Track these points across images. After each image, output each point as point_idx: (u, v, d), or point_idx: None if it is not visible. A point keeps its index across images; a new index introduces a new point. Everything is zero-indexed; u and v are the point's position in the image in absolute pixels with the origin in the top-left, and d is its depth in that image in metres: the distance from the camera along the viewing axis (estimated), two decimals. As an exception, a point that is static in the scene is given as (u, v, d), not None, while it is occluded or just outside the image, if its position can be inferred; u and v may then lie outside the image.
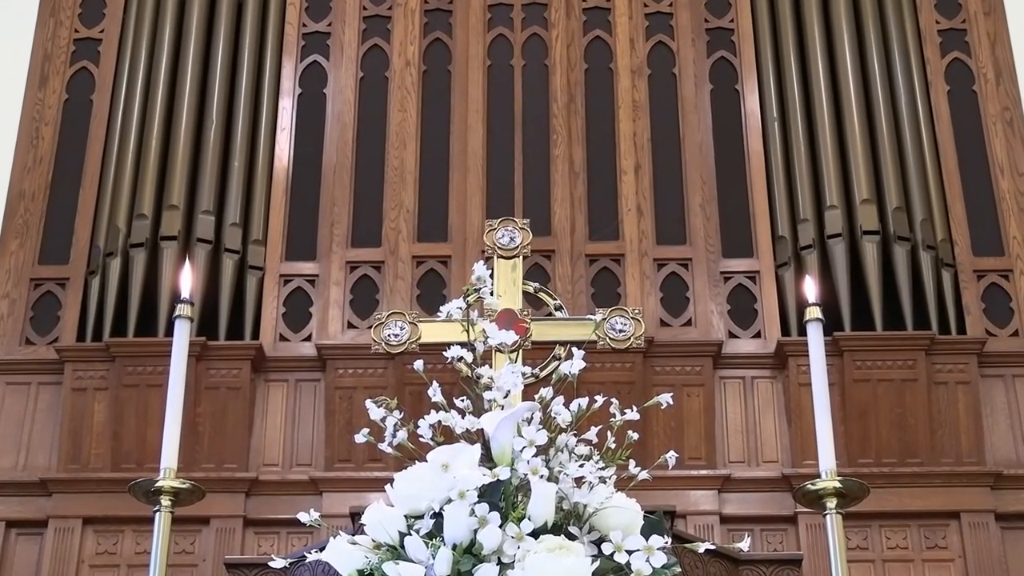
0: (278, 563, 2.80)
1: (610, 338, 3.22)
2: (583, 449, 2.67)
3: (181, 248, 6.56)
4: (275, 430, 6.29)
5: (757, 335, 6.45)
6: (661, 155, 6.83)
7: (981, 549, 5.97)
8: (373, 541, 2.46)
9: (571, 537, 2.43)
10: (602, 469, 2.59)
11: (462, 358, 2.78)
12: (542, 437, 2.51)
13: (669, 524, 3.26)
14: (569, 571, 2.29)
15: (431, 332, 3.26)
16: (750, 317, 6.49)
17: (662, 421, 6.15)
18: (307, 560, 2.81)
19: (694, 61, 7.02)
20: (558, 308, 3.33)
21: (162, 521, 2.94)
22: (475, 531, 2.35)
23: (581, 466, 2.56)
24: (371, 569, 2.40)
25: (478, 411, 2.66)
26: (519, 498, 2.48)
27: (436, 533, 2.39)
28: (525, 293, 3.31)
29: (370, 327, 3.82)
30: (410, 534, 2.41)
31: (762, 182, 6.76)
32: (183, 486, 2.96)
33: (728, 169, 6.82)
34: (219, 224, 6.69)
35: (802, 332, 5.46)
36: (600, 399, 2.73)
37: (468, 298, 2.91)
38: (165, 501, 2.95)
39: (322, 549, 2.56)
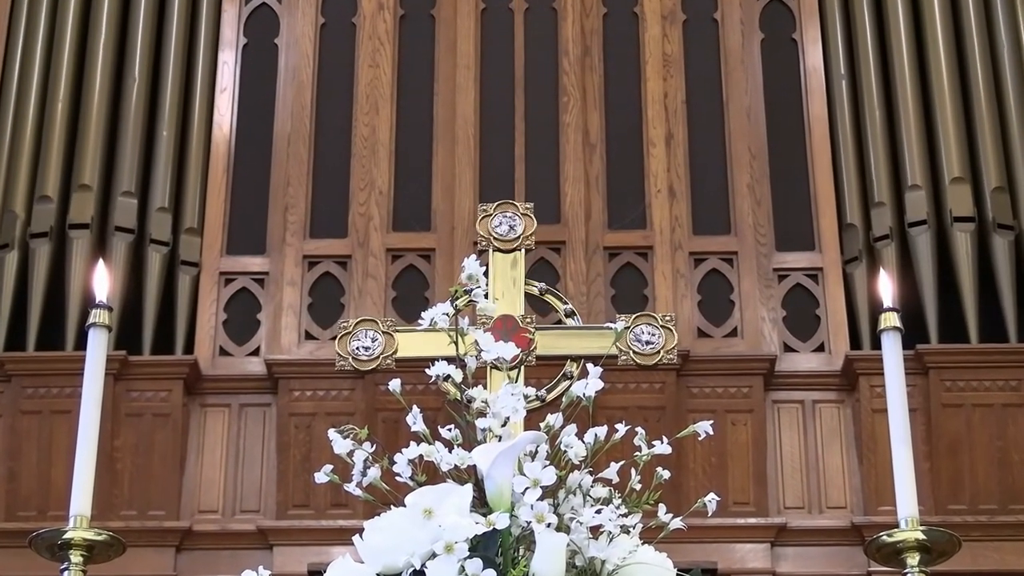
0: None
1: (635, 351, 3.23)
2: (601, 491, 2.68)
3: (95, 239, 6.57)
4: (213, 468, 6.29)
5: (820, 348, 6.46)
6: (699, 122, 6.83)
7: (1103, 618, 5.97)
8: (337, 606, 2.47)
9: (586, 601, 2.44)
10: (624, 516, 2.60)
11: (449, 377, 2.79)
12: (549, 476, 2.52)
13: (709, 585, 3.27)
14: (583, 644, 2.30)
15: (410, 344, 3.27)
16: (811, 326, 6.49)
17: (700, 456, 6.15)
18: (254, 631, 2.81)
19: (740, 3, 7.03)
20: (570, 314, 3.34)
21: (72, 582, 2.95)
22: (465, 593, 2.37)
23: (598, 512, 2.56)
24: (335, 641, 2.41)
25: (469, 443, 2.67)
26: (520, 552, 2.48)
27: (416, 596, 2.40)
28: (528, 295, 3.32)
29: (334, 338, 3.82)
30: (384, 597, 2.42)
31: (826, 156, 6.76)
32: (98, 538, 2.97)
33: (783, 140, 6.82)
34: (143, 209, 6.69)
35: (876, 344, 5.46)
36: (622, 428, 2.74)
37: (457, 301, 2.92)
38: (75, 557, 2.95)
39: (273, 616, 2.56)
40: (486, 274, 2.98)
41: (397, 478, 2.68)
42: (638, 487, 2.70)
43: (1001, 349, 6.33)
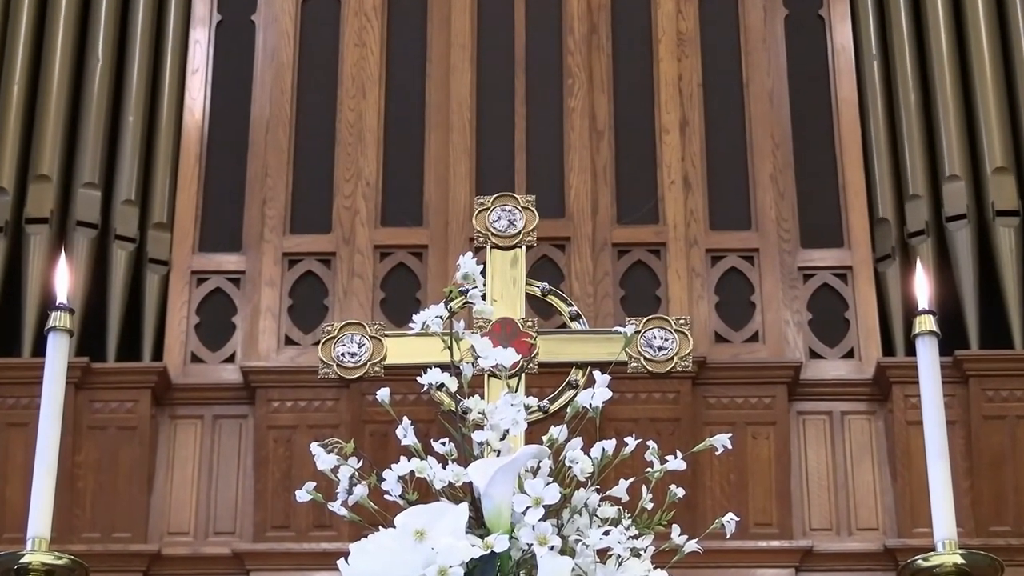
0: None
1: (646, 358, 3.23)
2: (609, 510, 2.68)
3: (55, 234, 6.56)
4: (185, 486, 6.29)
5: (849, 354, 6.46)
6: (716, 107, 6.83)
7: None
8: (320, 637, 2.47)
9: (593, 631, 2.45)
10: (635, 538, 2.60)
11: (443, 386, 2.79)
12: (552, 494, 2.53)
13: (728, 614, 3.28)
14: (590, 678, 2.30)
15: (400, 350, 3.27)
16: (839, 330, 6.49)
17: (718, 472, 6.15)
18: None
19: (763, -23, 7.04)
20: (575, 317, 3.34)
21: (30, 610, 2.95)
22: (461, 623, 2.37)
23: (606, 533, 2.57)
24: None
25: (465, 458, 2.68)
26: (521, 578, 2.49)
27: (407, 626, 2.40)
28: (529, 296, 3.33)
29: (316, 343, 3.83)
30: (371, 627, 2.42)
31: (856, 144, 6.76)
32: (58, 563, 2.98)
33: (809, 127, 6.82)
34: (107, 202, 6.69)
35: (911, 351, 5.47)
36: (633, 441, 2.74)
37: (451, 303, 2.92)
38: (33, 583, 2.96)
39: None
40: (483, 273, 2.98)
41: (386, 496, 2.69)
42: (650, 506, 2.71)
43: (1048, 355, 6.35)
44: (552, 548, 2.47)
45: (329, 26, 6.99)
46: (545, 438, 2.68)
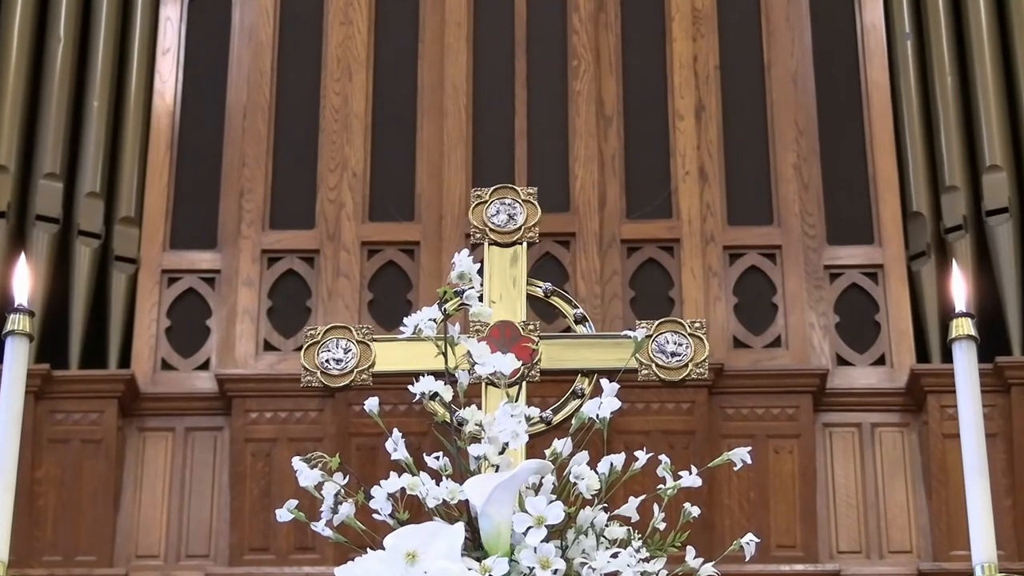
0: None
1: (658, 365, 3.23)
2: (617, 531, 2.69)
3: (13, 229, 6.57)
4: (154, 504, 6.30)
5: (880, 361, 6.46)
6: (735, 91, 6.84)
7: None
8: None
9: (600, 663, 2.45)
10: (646, 560, 2.61)
11: (436, 395, 2.79)
12: (556, 513, 2.53)
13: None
14: None
15: (390, 356, 3.27)
16: (869, 334, 6.50)
17: (736, 489, 6.16)
18: None
19: (785, -51, 7.05)
20: (580, 320, 3.34)
21: (-15, 640, 2.96)
22: (456, 654, 2.37)
23: (615, 556, 2.57)
24: None
25: (460, 474, 2.68)
26: (522, 604, 2.49)
27: (397, 657, 2.41)
28: (531, 297, 3.33)
29: (298, 349, 3.83)
30: (358, 658, 2.43)
31: (887, 132, 6.77)
32: (17, 587, 2.99)
33: (836, 112, 6.82)
34: (70, 194, 6.69)
35: (947, 357, 5.47)
36: (643, 456, 2.74)
37: (446, 305, 2.93)
38: (-10, 610, 2.97)
39: None
40: (481, 272, 2.98)
41: (374, 516, 2.69)
42: (662, 526, 2.71)
43: (1097, 362, 6.35)
44: (555, 572, 2.47)
45: (312, 2, 6.99)
46: (548, 452, 2.69)
